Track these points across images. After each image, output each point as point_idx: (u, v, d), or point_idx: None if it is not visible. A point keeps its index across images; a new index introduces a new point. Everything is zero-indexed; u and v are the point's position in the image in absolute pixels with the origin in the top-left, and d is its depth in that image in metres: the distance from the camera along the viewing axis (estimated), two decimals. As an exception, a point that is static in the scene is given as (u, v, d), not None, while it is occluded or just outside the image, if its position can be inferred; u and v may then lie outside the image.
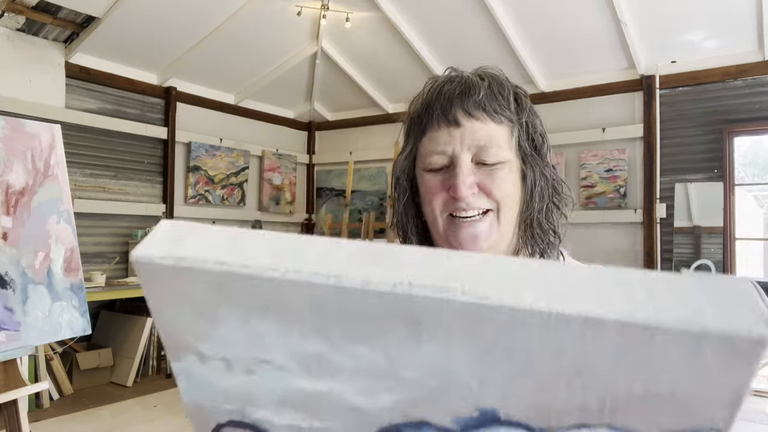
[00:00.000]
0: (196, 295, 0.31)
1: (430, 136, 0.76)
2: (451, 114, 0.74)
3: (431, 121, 0.76)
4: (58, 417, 3.88)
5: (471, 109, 0.74)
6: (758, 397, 4.46)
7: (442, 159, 0.74)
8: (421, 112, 0.78)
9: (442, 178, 0.75)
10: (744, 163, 5.16)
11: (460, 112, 0.74)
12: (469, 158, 0.73)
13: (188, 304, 0.32)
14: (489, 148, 0.73)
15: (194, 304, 0.32)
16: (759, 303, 0.25)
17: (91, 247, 5.04)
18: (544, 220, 0.77)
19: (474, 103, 0.74)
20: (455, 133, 0.74)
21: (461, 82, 0.76)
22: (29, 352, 2.02)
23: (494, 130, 0.74)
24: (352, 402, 0.32)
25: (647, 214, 5.05)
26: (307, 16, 5.09)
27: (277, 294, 0.30)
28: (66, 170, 1.99)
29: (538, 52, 5.19)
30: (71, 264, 1.94)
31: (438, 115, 0.75)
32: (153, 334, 4.93)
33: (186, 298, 0.31)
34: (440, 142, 0.74)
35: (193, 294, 0.31)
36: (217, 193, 6.19)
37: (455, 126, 0.74)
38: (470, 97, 0.74)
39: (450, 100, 0.75)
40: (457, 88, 0.75)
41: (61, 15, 4.61)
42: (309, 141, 7.44)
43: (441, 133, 0.75)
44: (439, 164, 0.75)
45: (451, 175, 0.74)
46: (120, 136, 5.32)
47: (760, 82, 4.66)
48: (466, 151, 0.73)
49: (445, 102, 0.75)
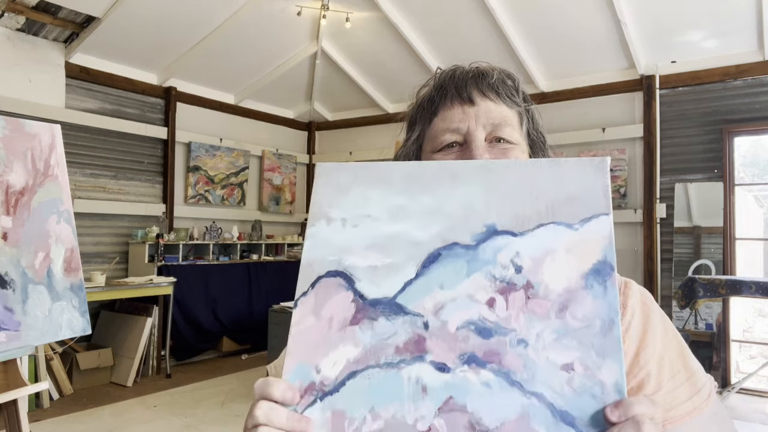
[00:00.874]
0: (341, 179, 0.58)
1: (443, 116, 0.76)
2: (466, 92, 0.74)
3: (444, 100, 0.76)
4: (58, 417, 3.88)
5: (485, 89, 0.75)
6: (758, 397, 4.46)
7: (455, 136, 0.74)
8: (434, 93, 0.78)
9: (455, 156, 0.74)
10: (744, 163, 5.16)
11: (474, 91, 0.74)
12: (483, 137, 0.73)
13: (335, 185, 0.58)
14: (504, 126, 0.74)
15: (338, 185, 0.58)
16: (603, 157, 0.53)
17: (91, 247, 5.04)
18: None
19: (488, 85, 0.75)
20: (470, 111, 0.74)
21: (473, 68, 0.78)
22: (29, 352, 2.02)
23: (507, 111, 0.75)
24: (413, 236, 0.54)
25: (647, 214, 5.05)
26: (307, 16, 5.09)
27: (385, 172, 0.57)
28: (66, 170, 1.99)
29: (538, 52, 5.19)
30: (71, 264, 1.94)
31: (452, 94, 0.75)
32: (153, 334, 4.93)
33: (335, 182, 0.58)
34: (454, 119, 0.74)
35: (340, 179, 0.58)
36: (217, 193, 6.19)
37: (470, 104, 0.74)
38: (484, 80, 0.75)
39: (464, 80, 0.75)
40: (470, 72, 0.76)
41: (61, 15, 4.61)
42: (309, 141, 7.44)
43: (455, 111, 0.75)
44: (451, 141, 0.74)
45: (465, 152, 0.73)
46: (120, 136, 5.32)
47: (760, 82, 4.66)
48: (480, 129, 0.73)
49: (460, 82, 0.75)
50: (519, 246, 0.52)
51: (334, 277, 0.54)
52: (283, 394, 0.51)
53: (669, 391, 0.66)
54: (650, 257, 5.01)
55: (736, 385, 4.37)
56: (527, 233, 0.52)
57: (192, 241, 5.66)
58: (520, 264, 0.51)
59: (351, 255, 0.55)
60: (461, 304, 0.51)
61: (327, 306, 0.53)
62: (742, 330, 5.47)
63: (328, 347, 0.52)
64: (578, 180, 0.53)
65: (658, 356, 0.67)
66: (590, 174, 0.53)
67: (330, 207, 0.57)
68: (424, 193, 0.55)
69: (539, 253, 0.51)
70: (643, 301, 0.71)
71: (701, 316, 4.68)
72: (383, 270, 0.54)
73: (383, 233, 0.55)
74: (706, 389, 0.67)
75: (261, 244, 6.38)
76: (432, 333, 0.51)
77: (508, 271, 0.51)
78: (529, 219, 0.52)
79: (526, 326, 0.50)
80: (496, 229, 0.53)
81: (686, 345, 0.71)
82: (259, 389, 0.52)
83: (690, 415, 0.65)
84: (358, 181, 0.57)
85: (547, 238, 0.52)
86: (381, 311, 0.53)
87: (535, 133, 0.78)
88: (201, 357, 5.63)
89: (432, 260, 0.53)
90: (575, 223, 0.52)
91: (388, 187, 0.56)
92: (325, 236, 0.56)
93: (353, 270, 0.54)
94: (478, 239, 0.53)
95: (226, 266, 5.81)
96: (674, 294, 4.62)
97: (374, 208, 0.56)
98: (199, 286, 5.48)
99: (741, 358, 5.13)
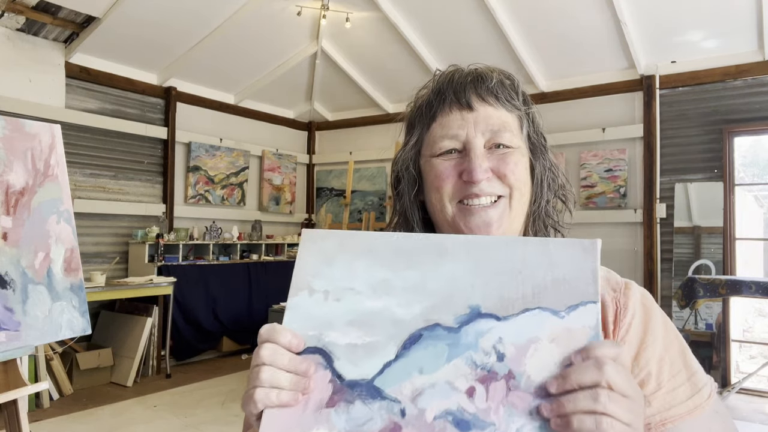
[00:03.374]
0: (327, 247, 0.57)
1: (441, 122, 0.74)
2: (465, 98, 0.73)
3: (443, 106, 0.74)
4: (58, 417, 3.88)
5: (484, 94, 0.73)
6: (758, 397, 4.46)
7: (453, 143, 0.73)
8: (432, 98, 0.76)
9: (454, 163, 0.73)
10: (744, 163, 5.16)
11: (473, 96, 0.73)
12: (482, 143, 0.72)
13: (321, 253, 0.57)
14: (503, 132, 0.72)
15: (324, 253, 0.56)
16: (594, 240, 0.53)
17: (91, 247, 5.04)
18: (552, 212, 0.78)
19: (487, 89, 0.74)
20: (468, 116, 0.73)
21: (472, 71, 0.76)
22: (29, 352, 2.02)
23: (506, 116, 0.74)
24: (395, 314, 0.53)
25: (647, 214, 5.05)
26: (307, 16, 5.09)
27: (372, 242, 0.56)
28: (66, 170, 1.99)
29: (538, 52, 5.19)
30: (71, 264, 1.94)
31: (451, 99, 0.74)
32: (153, 334, 4.93)
33: (321, 250, 0.57)
34: (453, 126, 0.73)
35: (326, 247, 0.57)
36: (217, 193, 6.19)
37: (468, 110, 0.73)
38: (483, 83, 0.74)
39: (463, 85, 0.74)
40: (468, 76, 0.75)
41: (61, 15, 4.61)
42: (309, 141, 7.44)
43: (453, 117, 0.73)
44: (449, 148, 0.73)
45: (463, 160, 0.72)
46: (120, 136, 5.32)
47: (760, 82, 4.66)
48: (479, 136, 0.72)
49: (458, 87, 0.74)
50: (502, 331, 0.51)
51: (313, 354, 0.53)
52: (289, 342, 0.53)
53: (669, 391, 0.66)
54: (650, 257, 5.01)
55: (736, 385, 4.36)
56: (511, 318, 0.51)
57: (192, 241, 5.66)
58: (502, 351, 0.50)
59: (331, 331, 0.54)
60: (440, 392, 0.50)
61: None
62: (742, 330, 5.46)
63: (301, 429, 0.51)
64: (566, 263, 0.52)
65: (658, 357, 0.67)
66: (579, 257, 0.52)
67: (314, 277, 0.56)
68: (409, 267, 0.55)
69: (523, 341, 0.50)
70: (643, 303, 0.71)
71: (701, 316, 4.68)
72: (363, 349, 0.53)
73: (365, 309, 0.54)
74: (707, 389, 0.67)
75: (261, 244, 6.38)
76: (408, 421, 0.50)
77: (490, 358, 0.50)
78: (514, 302, 0.51)
79: (506, 421, 0.48)
80: (480, 311, 0.52)
81: (687, 345, 0.71)
82: (266, 333, 0.53)
83: (691, 414, 0.65)
84: (345, 250, 0.56)
85: (532, 325, 0.50)
86: (358, 394, 0.51)
87: (536, 136, 0.77)
88: (201, 357, 5.63)
89: (413, 341, 0.52)
90: (561, 310, 0.51)
91: (374, 258, 0.55)
92: (306, 309, 0.55)
93: (333, 347, 0.53)
94: (460, 321, 0.52)
95: (226, 266, 5.81)
96: (674, 294, 4.62)
97: (358, 281, 0.55)
98: (199, 286, 5.48)
99: (741, 358, 5.13)
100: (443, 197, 0.73)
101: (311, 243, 0.57)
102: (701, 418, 0.66)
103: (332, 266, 0.56)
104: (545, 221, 0.77)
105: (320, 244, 0.57)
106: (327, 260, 0.56)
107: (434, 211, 0.75)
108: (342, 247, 0.56)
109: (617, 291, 0.71)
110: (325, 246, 0.57)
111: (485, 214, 0.71)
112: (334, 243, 0.57)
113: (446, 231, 0.75)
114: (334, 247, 0.56)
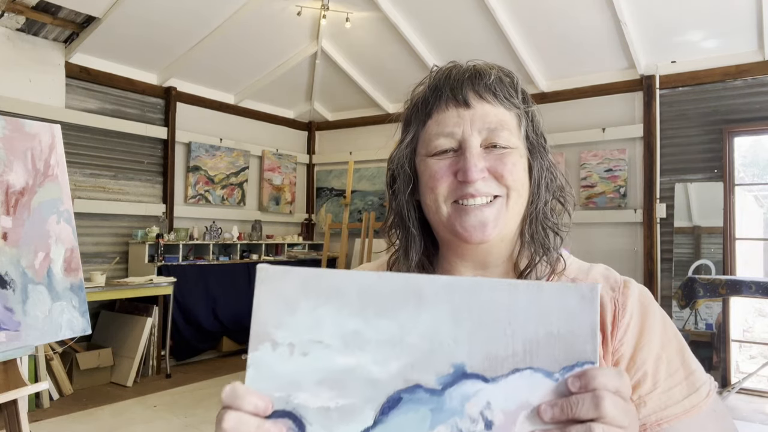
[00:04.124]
0: (287, 290, 0.48)
1: (437, 119, 0.72)
2: (462, 95, 0.70)
3: (439, 102, 0.72)
4: (58, 417, 3.88)
5: (482, 91, 0.71)
6: (758, 397, 4.46)
7: (449, 142, 0.70)
8: (428, 94, 0.74)
9: (449, 162, 0.70)
10: (744, 163, 5.16)
11: (470, 93, 0.71)
12: (479, 142, 0.70)
13: (281, 297, 0.48)
14: (500, 131, 0.70)
15: (284, 297, 0.48)
16: (594, 284, 0.47)
17: (91, 247, 5.04)
18: (550, 213, 0.75)
19: (485, 86, 0.71)
20: (465, 114, 0.70)
21: (470, 67, 0.74)
22: (29, 352, 2.02)
23: (504, 114, 0.71)
24: (371, 372, 0.47)
25: (647, 214, 5.05)
26: (307, 16, 5.09)
27: (338, 284, 0.48)
28: (66, 170, 1.99)
29: (538, 52, 5.19)
30: (71, 264, 1.94)
31: (447, 95, 0.71)
32: (153, 334, 4.93)
33: (281, 294, 0.48)
34: (449, 123, 0.70)
35: (285, 289, 0.48)
36: (217, 193, 6.19)
37: (465, 107, 0.70)
38: (481, 80, 0.71)
39: (460, 81, 0.71)
40: (466, 72, 0.73)
41: (61, 15, 4.61)
42: (309, 141, 7.44)
43: (449, 114, 0.71)
44: (445, 147, 0.70)
45: (459, 159, 0.70)
46: (120, 136, 5.32)
47: (760, 82, 4.66)
48: (476, 134, 0.69)
49: (455, 83, 0.71)
50: (490, 395, 0.46)
51: (283, 419, 0.47)
52: (255, 407, 0.47)
53: (665, 390, 0.65)
54: (650, 257, 5.01)
55: (736, 385, 4.36)
56: (500, 379, 0.46)
57: (192, 241, 5.66)
58: (490, 419, 0.46)
59: (301, 392, 0.47)
60: None
61: None
62: (742, 330, 5.47)
63: None
64: (561, 315, 0.46)
65: (655, 355, 0.67)
66: (576, 308, 0.46)
67: (276, 328, 0.48)
68: (383, 315, 0.47)
69: (513, 407, 0.46)
70: (641, 301, 0.70)
71: (701, 316, 4.68)
72: (337, 413, 0.47)
73: (337, 366, 0.47)
74: (705, 388, 0.66)
75: (261, 244, 6.38)
76: None
77: (477, 426, 0.46)
78: (503, 361, 0.46)
79: None
80: (465, 371, 0.46)
81: (686, 344, 0.70)
82: (228, 398, 0.47)
83: (687, 413, 0.65)
84: (308, 293, 0.48)
85: (523, 389, 0.46)
86: None
87: (535, 135, 0.74)
88: (201, 357, 5.63)
89: (392, 405, 0.46)
90: (555, 371, 0.46)
91: (342, 304, 0.48)
92: (271, 365, 0.47)
93: (304, 411, 0.47)
94: (444, 382, 0.46)
95: (226, 266, 5.81)
96: (674, 294, 4.62)
97: (326, 332, 0.47)
98: (199, 286, 5.48)
99: (741, 358, 5.13)
100: (438, 198, 0.71)
101: (268, 284, 0.48)
102: (698, 417, 0.65)
103: (295, 314, 0.48)
104: (543, 223, 0.74)
105: (278, 286, 0.48)
106: (288, 306, 0.48)
107: (429, 211, 0.73)
108: (304, 289, 0.48)
109: (616, 290, 0.70)
110: (284, 288, 0.48)
111: (481, 213, 0.69)
112: (294, 284, 0.48)
113: (442, 232, 0.74)
114: (295, 289, 0.48)
